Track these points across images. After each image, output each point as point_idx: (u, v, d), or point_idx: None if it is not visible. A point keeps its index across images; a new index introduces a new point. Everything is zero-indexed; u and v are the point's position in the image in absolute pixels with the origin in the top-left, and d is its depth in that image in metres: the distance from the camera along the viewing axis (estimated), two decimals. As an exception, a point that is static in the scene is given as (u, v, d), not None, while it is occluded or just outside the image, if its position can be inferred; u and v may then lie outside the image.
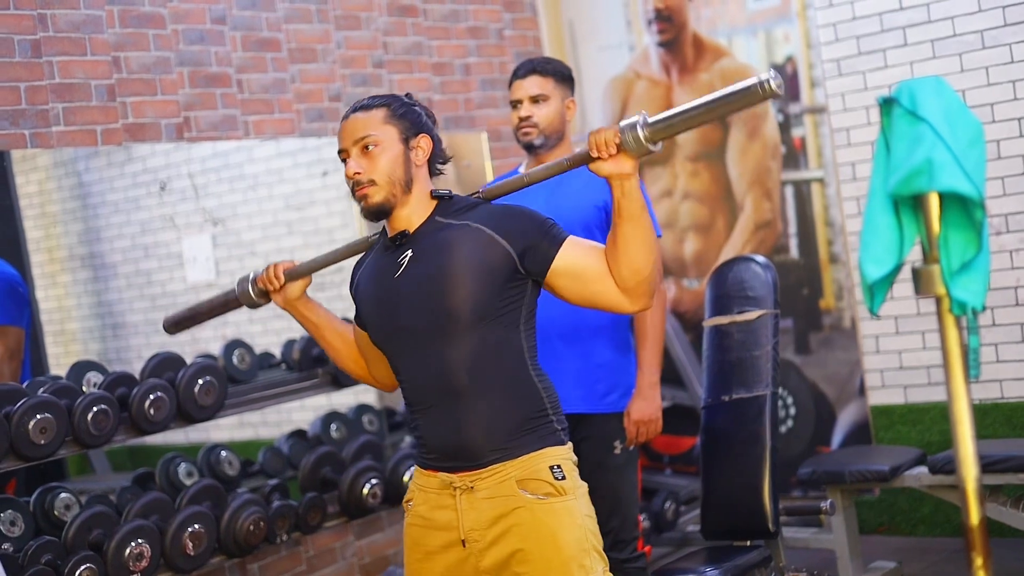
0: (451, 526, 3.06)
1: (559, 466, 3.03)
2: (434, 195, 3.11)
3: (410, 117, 3.09)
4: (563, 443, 3.09)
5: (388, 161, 3.03)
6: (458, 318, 2.98)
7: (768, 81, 2.67)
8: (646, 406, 4.23)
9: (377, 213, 3.05)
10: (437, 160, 3.14)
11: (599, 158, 2.90)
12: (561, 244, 2.98)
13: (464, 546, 3.04)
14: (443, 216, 3.08)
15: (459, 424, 3.02)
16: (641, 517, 4.58)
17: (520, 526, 2.99)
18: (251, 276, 3.42)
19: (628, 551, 4.20)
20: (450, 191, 3.14)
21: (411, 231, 3.08)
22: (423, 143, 3.09)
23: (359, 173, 3.02)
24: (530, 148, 4.28)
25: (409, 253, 3.06)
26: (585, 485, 3.11)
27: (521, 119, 4.26)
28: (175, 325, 3.74)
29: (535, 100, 4.25)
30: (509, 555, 3.00)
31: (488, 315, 2.99)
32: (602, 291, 2.97)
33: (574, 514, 3.02)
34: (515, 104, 4.30)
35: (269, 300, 3.42)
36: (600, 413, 4.25)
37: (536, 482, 3.00)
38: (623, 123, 2.86)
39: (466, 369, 3.00)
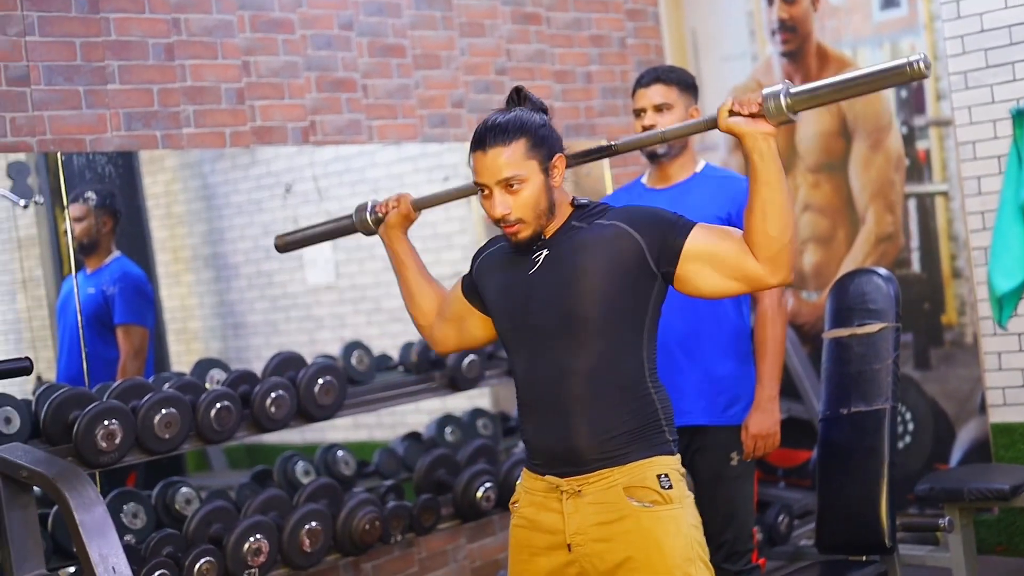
0: (556, 529, 3.08)
1: (666, 475, 3.04)
2: (574, 203, 3.15)
3: (546, 142, 3.07)
4: (672, 453, 3.10)
5: (533, 195, 3.03)
6: (588, 321, 3.01)
7: (917, 62, 2.70)
8: (764, 419, 4.20)
9: (529, 244, 3.09)
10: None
11: (738, 112, 2.95)
12: (690, 231, 3.00)
13: (570, 550, 3.05)
14: (578, 221, 3.11)
15: (570, 430, 3.04)
16: (756, 530, 4.55)
17: (627, 534, 3.00)
18: (369, 204, 3.59)
19: (743, 563, 4.18)
20: (588, 199, 3.18)
21: (547, 235, 3.11)
22: (559, 163, 3.09)
23: (508, 213, 3.03)
24: (653, 157, 4.26)
25: (545, 252, 3.09)
26: (691, 495, 3.11)
27: (645, 128, 4.23)
28: (287, 245, 3.91)
29: (659, 109, 4.22)
30: (617, 564, 3.01)
31: (616, 316, 3.01)
32: (739, 266, 2.95)
33: (680, 523, 3.02)
34: (638, 112, 4.28)
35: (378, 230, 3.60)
36: (720, 425, 4.23)
37: (643, 490, 3.02)
38: (766, 90, 2.92)
39: (586, 377, 3.02)
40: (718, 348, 4.23)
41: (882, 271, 4.42)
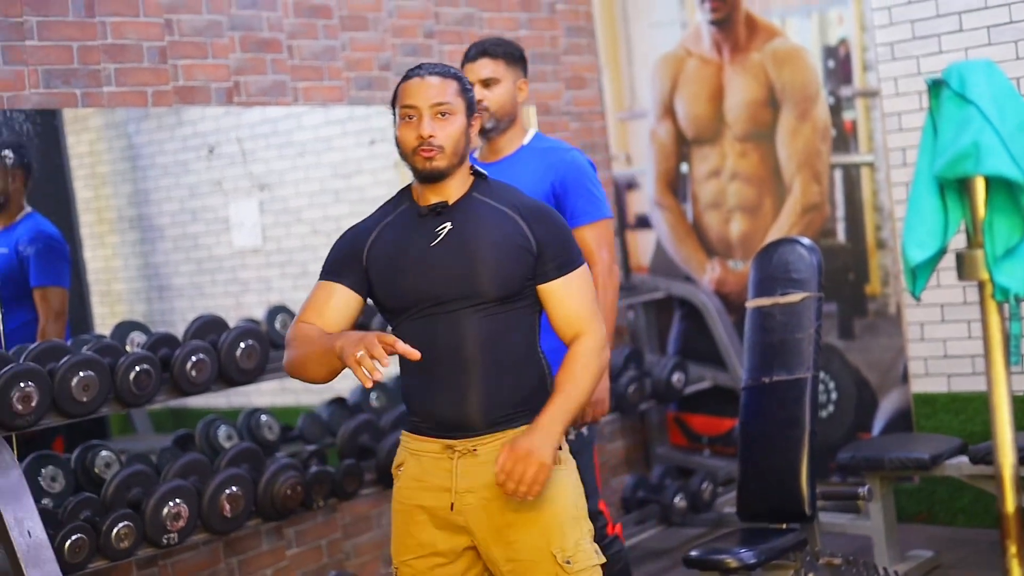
0: (444, 488, 3.13)
1: None
2: (473, 172, 3.24)
3: (470, 96, 3.21)
4: None
5: (456, 131, 3.13)
6: (487, 294, 3.09)
7: None
8: None
9: (436, 177, 3.13)
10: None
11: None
12: (559, 277, 3.15)
13: (452, 509, 3.13)
14: (481, 194, 3.20)
15: (463, 395, 3.11)
16: (602, 502, 4.46)
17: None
18: None
19: (597, 537, 4.11)
20: (485, 171, 3.28)
21: (450, 202, 3.17)
22: (475, 122, 3.24)
23: (433, 136, 3.09)
24: (482, 132, 4.20)
25: (448, 225, 3.14)
26: (573, 460, 3.22)
27: None
28: None
29: (486, 83, 4.15)
30: (507, 523, 3.10)
31: (513, 291, 3.12)
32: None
33: (566, 483, 3.15)
34: None
35: None
36: None
37: None
38: None
39: (481, 342, 3.10)
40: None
41: (805, 241, 4.43)
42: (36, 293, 4.81)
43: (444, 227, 3.14)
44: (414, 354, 2.89)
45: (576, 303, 3.15)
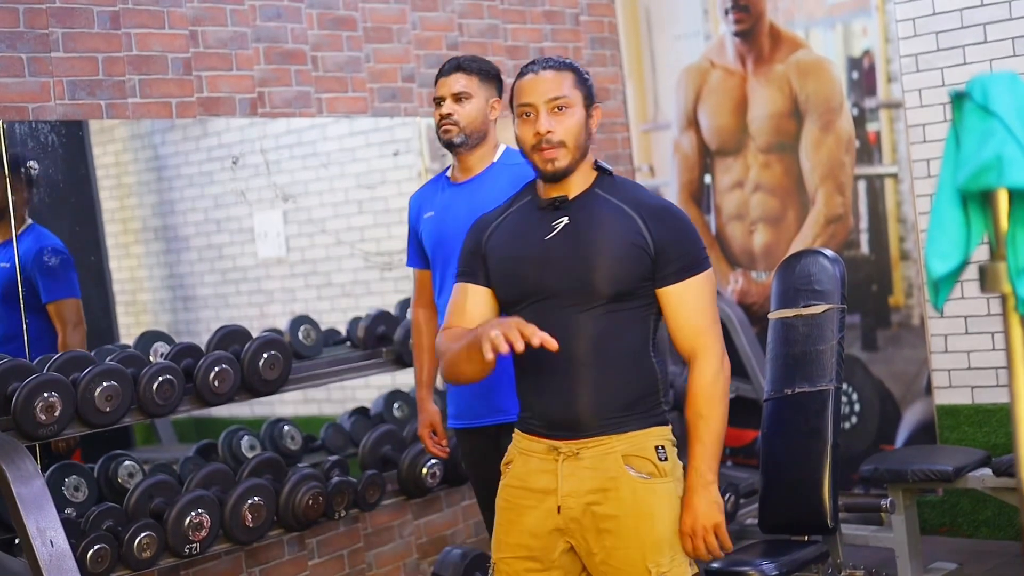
0: (548, 490, 3.08)
1: (663, 447, 3.09)
2: (597, 167, 3.14)
3: (588, 86, 3.12)
4: (666, 423, 3.16)
5: (575, 124, 3.05)
6: (600, 291, 3.01)
7: None
8: None
9: (559, 177, 3.07)
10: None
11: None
12: (679, 281, 3.04)
13: (559, 512, 3.06)
14: (603, 190, 3.10)
15: (573, 394, 3.05)
16: None
17: (621, 502, 3.03)
18: None
19: None
20: (611, 167, 3.17)
21: (570, 197, 3.09)
22: (596, 113, 3.13)
23: (551, 132, 3.02)
24: (450, 146, 4.14)
25: (565, 220, 3.07)
26: (682, 466, 3.16)
27: (442, 116, 4.12)
28: None
29: (457, 98, 4.10)
30: (605, 530, 3.04)
31: (627, 290, 3.03)
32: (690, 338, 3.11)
33: (672, 497, 3.08)
34: (438, 101, 4.16)
35: None
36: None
37: (641, 460, 3.06)
38: None
39: (592, 341, 3.03)
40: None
41: (828, 252, 4.42)
42: (50, 308, 4.75)
43: (561, 221, 3.07)
44: (552, 344, 2.81)
45: (690, 311, 3.06)
